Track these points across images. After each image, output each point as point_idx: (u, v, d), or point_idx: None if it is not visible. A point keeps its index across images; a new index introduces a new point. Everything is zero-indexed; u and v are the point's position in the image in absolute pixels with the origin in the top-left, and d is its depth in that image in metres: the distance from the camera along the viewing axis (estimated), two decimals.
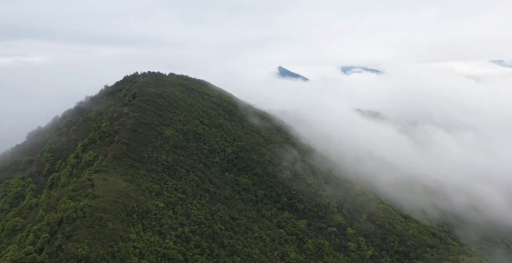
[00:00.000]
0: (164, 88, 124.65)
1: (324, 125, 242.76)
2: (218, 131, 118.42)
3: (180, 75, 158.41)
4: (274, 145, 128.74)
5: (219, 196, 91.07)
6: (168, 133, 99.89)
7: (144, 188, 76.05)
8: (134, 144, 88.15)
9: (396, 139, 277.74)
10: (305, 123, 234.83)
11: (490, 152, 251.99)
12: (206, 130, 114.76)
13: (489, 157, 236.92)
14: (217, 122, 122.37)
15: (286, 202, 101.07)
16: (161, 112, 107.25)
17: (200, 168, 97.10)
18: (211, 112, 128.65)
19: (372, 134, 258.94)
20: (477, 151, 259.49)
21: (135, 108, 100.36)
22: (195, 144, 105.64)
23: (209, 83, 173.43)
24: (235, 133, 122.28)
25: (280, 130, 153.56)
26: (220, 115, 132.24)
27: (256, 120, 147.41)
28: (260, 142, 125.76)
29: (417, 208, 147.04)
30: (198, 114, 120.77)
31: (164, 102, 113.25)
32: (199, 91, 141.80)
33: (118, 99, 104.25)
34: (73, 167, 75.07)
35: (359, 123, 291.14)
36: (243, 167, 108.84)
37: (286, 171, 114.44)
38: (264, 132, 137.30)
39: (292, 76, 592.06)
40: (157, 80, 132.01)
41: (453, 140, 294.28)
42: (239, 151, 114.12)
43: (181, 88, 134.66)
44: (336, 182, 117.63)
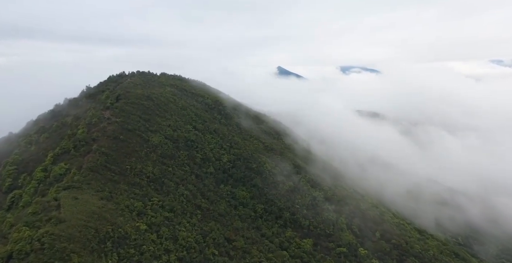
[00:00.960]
0: (154, 89, 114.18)
1: (324, 128, 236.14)
2: (213, 137, 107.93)
3: (173, 75, 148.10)
4: (275, 152, 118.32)
5: (213, 213, 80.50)
6: (156, 140, 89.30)
7: (124, 206, 65.44)
8: (115, 154, 77.51)
9: (399, 142, 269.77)
10: (305, 125, 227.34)
11: (496, 155, 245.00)
12: (200, 136, 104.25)
13: (497, 161, 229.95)
14: (212, 127, 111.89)
15: (289, 218, 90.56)
16: (149, 116, 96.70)
17: (192, 180, 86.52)
18: (206, 115, 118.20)
19: (374, 137, 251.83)
20: (483, 154, 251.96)
21: (118, 112, 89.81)
22: (187, 152, 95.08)
23: (205, 83, 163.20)
24: (232, 139, 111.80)
25: (281, 135, 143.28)
26: (216, 119, 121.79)
27: (255, 124, 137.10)
28: (260, 149, 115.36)
29: (429, 219, 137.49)
30: (191, 118, 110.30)
31: (153, 105, 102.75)
32: (192, 92, 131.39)
33: (99, 101, 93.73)
34: (40, 183, 64.49)
35: (360, 125, 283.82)
36: (241, 178, 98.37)
37: (288, 182, 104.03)
38: (264, 138, 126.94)
39: (291, 76, 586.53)
40: (146, 81, 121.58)
41: (457, 142, 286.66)
42: (236, 160, 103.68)
43: (173, 89, 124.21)
44: (344, 193, 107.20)
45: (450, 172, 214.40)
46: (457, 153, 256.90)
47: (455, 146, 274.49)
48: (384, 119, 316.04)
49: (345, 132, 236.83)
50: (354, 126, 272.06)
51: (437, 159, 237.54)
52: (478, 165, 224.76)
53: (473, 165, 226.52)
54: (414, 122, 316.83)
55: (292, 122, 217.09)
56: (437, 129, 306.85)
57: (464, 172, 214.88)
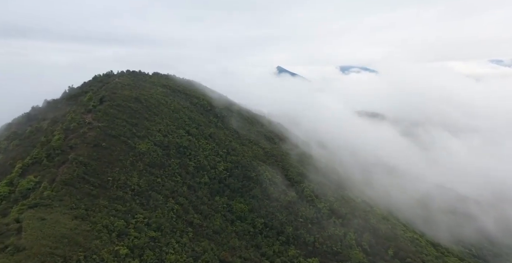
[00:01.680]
0: (143, 90, 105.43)
1: (325, 129, 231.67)
2: (208, 143, 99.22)
3: (166, 74, 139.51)
4: (276, 158, 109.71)
5: (206, 230, 71.82)
6: (143, 147, 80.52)
7: (102, 227, 56.61)
8: (95, 164, 68.71)
9: (402, 144, 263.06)
10: (306, 127, 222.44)
11: (501, 157, 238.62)
12: (193, 142, 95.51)
13: (503, 164, 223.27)
14: (207, 131, 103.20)
15: (291, 233, 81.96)
16: (136, 120, 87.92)
17: (183, 192, 77.75)
18: (200, 119, 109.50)
19: (377, 139, 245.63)
20: (488, 157, 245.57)
21: (101, 116, 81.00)
22: (178, 160, 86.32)
23: (200, 84, 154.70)
24: (229, 144, 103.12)
25: (281, 139, 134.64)
26: (212, 122, 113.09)
27: (255, 127, 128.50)
28: (259, 155, 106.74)
29: (440, 229, 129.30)
30: (184, 122, 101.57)
31: (141, 107, 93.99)
32: (186, 93, 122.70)
33: (80, 104, 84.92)
34: (3, 199, 55.55)
35: (361, 127, 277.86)
36: (238, 188, 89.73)
37: (290, 192, 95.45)
38: (264, 143, 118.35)
39: (290, 76, 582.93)
40: (136, 81, 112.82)
41: (461, 144, 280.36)
42: (234, 168, 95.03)
43: (165, 90, 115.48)
44: (351, 204, 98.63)
45: (456, 176, 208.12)
46: (462, 156, 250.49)
47: (458, 148, 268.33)
48: (385, 120, 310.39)
49: (346, 134, 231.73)
50: (355, 127, 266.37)
51: (442, 162, 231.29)
52: (485, 169, 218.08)
53: (480, 169, 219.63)
54: (414, 123, 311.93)
55: (292, 124, 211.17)
56: (438, 130, 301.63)
57: (471, 176, 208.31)
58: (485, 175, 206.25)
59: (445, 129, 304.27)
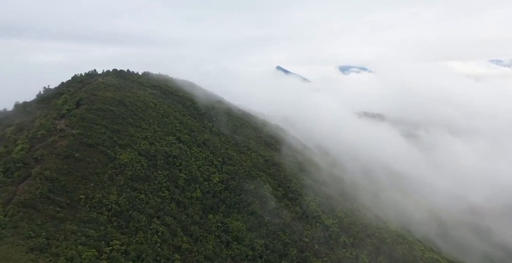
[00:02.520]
0: (130, 91, 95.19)
1: (327, 133, 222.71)
2: (201, 151, 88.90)
3: (158, 74, 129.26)
4: (277, 167, 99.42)
5: (197, 256, 61.45)
6: (125, 158, 70.17)
7: (65, 260, 46.17)
8: (65, 179, 58.38)
9: (406, 147, 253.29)
10: (307, 130, 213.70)
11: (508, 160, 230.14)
12: (184, 150, 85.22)
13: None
14: (200, 138, 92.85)
15: (296, 256, 71.76)
16: (119, 126, 77.58)
17: (171, 210, 67.39)
18: (194, 124, 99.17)
19: (380, 142, 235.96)
20: (495, 160, 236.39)
21: (77, 121, 70.68)
22: (167, 172, 75.97)
23: (195, 84, 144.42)
24: (225, 153, 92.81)
25: (283, 144, 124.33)
26: (206, 127, 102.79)
27: (254, 132, 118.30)
28: (259, 164, 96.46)
29: (457, 244, 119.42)
30: (174, 127, 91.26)
31: (125, 111, 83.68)
32: (179, 95, 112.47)
33: (53, 107, 74.57)
34: None
35: (363, 130, 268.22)
36: (235, 203, 79.45)
37: (294, 207, 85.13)
38: (264, 150, 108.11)
39: (290, 76, 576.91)
40: (122, 81, 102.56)
41: (465, 146, 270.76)
42: (230, 180, 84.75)
43: (155, 91, 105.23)
44: (363, 220, 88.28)
45: (464, 181, 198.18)
46: (468, 159, 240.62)
47: (463, 151, 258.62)
48: (385, 121, 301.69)
49: (347, 136, 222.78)
50: (356, 130, 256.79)
51: (447, 166, 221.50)
52: (493, 173, 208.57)
53: (488, 175, 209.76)
54: (415, 124, 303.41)
55: (291, 126, 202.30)
56: (440, 131, 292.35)
57: (479, 181, 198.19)
58: (494, 180, 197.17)
59: (446, 130, 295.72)
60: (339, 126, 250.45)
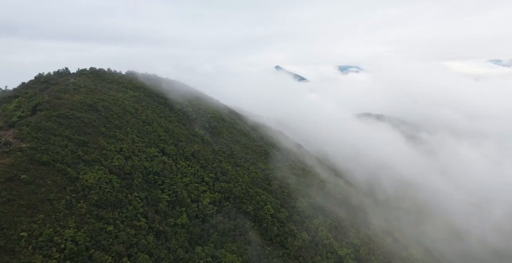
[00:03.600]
0: (106, 94, 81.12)
1: (327, 136, 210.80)
2: (189, 165, 74.97)
3: (145, 74, 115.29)
4: (280, 182, 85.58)
5: None
6: (92, 177, 56.09)
7: None
8: (3, 211, 44.19)
9: (413, 152, 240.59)
10: (307, 133, 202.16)
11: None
12: (169, 165, 71.27)
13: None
14: (189, 149, 78.85)
15: None
16: (86, 137, 63.50)
17: (147, 244, 53.29)
18: (182, 132, 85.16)
19: (383, 146, 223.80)
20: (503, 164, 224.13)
21: (29, 132, 56.59)
22: (145, 193, 62.00)
23: (187, 85, 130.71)
24: (218, 166, 78.90)
25: (285, 154, 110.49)
26: (196, 136, 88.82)
27: (252, 140, 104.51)
28: (258, 179, 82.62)
29: None
30: (158, 136, 77.24)
31: (97, 118, 69.60)
32: (167, 98, 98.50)
33: (2, 114, 60.47)
34: None
35: (365, 132, 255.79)
36: (229, 230, 65.53)
37: (301, 233, 71.23)
38: (264, 161, 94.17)
39: (289, 76, 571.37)
40: (99, 82, 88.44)
41: (470, 149, 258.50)
42: (224, 200, 70.94)
43: (137, 93, 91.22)
44: (383, 248, 74.46)
45: (475, 188, 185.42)
46: (478, 165, 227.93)
47: (468, 154, 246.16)
48: (385, 122, 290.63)
49: (351, 141, 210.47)
50: (359, 134, 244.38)
51: (455, 171, 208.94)
52: (502, 179, 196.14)
53: (501, 182, 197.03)
54: (417, 125, 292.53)
55: (292, 131, 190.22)
56: (443, 133, 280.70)
57: (492, 189, 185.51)
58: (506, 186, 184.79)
59: (449, 132, 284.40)
60: (339, 128, 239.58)
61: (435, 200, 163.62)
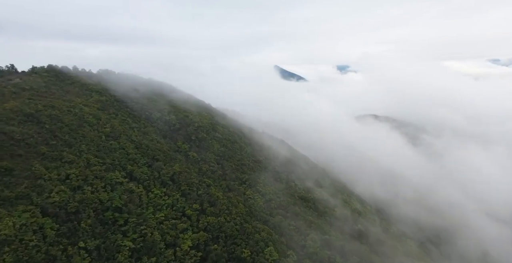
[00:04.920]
0: (59, 99, 62.55)
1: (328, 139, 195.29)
2: (167, 193, 56.56)
3: (121, 74, 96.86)
4: (284, 212, 67.31)
5: None
6: (7, 226, 37.54)
7: None
8: None
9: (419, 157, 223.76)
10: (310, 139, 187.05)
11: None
12: (138, 195, 52.80)
13: None
14: (167, 171, 60.40)
15: None
16: (15, 161, 44.89)
17: None
18: (159, 147, 66.61)
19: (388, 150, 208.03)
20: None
21: None
22: (97, 242, 43.44)
23: (175, 87, 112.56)
24: (206, 193, 60.52)
25: (288, 169, 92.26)
26: (179, 151, 70.43)
27: (248, 155, 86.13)
28: (257, 209, 64.22)
29: None
30: (126, 155, 58.73)
31: (37, 133, 51.06)
32: (143, 103, 79.92)
33: None
34: None
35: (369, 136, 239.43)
36: None
37: None
38: (263, 183, 75.66)
39: (288, 76, 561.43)
40: (57, 83, 69.81)
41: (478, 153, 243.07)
42: (211, 242, 52.51)
43: (105, 98, 72.49)
44: None
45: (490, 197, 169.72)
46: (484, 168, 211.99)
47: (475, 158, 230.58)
48: (387, 123, 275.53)
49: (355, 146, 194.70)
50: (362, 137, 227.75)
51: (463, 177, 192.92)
52: None
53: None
54: (418, 126, 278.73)
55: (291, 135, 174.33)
56: (446, 135, 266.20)
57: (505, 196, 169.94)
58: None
59: (451, 133, 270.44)
60: (341, 132, 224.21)
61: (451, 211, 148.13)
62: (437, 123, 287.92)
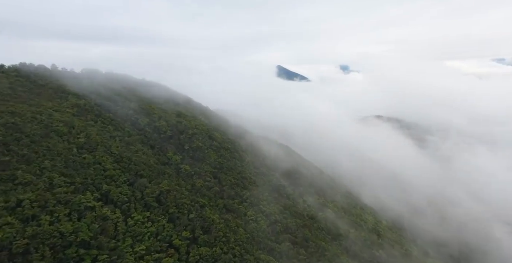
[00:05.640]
0: (25, 103, 52.30)
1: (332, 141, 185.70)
2: (151, 218, 46.12)
3: (109, 73, 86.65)
4: (293, 237, 56.61)
5: None
6: None
7: None
8: None
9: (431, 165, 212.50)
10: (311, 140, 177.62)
11: None
12: (113, 223, 42.38)
13: None
14: (152, 190, 49.91)
15: None
16: None
17: None
18: (144, 160, 56.11)
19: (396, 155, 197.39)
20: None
21: None
22: None
23: (171, 89, 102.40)
24: (199, 216, 50.02)
25: (296, 180, 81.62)
26: (169, 164, 59.96)
27: (250, 166, 75.63)
28: (261, 235, 53.74)
29: None
30: (101, 172, 48.29)
31: None
32: (130, 107, 69.57)
33: None
34: None
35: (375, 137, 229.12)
36: None
37: None
38: (267, 200, 65.08)
39: (291, 76, 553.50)
40: (24, 84, 59.66)
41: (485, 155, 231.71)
42: None
43: (84, 101, 62.16)
44: None
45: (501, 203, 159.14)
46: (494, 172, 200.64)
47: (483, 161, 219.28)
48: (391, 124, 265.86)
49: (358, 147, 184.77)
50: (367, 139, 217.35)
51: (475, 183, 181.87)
52: None
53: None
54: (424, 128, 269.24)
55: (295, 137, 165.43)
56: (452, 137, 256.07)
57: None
58: None
59: (457, 134, 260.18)
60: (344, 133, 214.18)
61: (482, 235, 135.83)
62: (441, 124, 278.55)
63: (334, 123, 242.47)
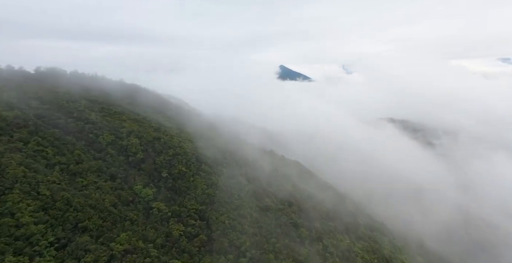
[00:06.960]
0: None
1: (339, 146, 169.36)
2: None
3: (79, 74, 68.53)
4: None
5: None
6: None
7: None
8: None
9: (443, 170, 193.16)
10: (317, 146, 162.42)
11: None
12: None
13: None
14: (96, 256, 31.29)
15: None
16: None
17: None
18: (90, 202, 37.60)
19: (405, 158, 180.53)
20: None
21: None
22: None
23: (155, 92, 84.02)
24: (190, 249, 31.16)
25: (312, 215, 62.79)
26: (135, 202, 41.39)
27: (251, 198, 57.06)
28: None
29: None
30: (10, 229, 29.68)
31: None
32: (87, 121, 51.14)
33: None
34: None
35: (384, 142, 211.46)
36: None
37: None
38: (272, 250, 46.38)
39: (294, 76, 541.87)
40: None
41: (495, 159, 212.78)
42: None
43: (15, 114, 43.95)
44: None
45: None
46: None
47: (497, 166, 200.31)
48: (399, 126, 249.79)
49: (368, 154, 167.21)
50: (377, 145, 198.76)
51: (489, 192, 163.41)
52: None
53: None
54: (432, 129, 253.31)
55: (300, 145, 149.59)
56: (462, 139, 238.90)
57: None
58: None
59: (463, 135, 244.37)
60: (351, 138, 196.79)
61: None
62: (449, 125, 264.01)
63: (341, 126, 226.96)
